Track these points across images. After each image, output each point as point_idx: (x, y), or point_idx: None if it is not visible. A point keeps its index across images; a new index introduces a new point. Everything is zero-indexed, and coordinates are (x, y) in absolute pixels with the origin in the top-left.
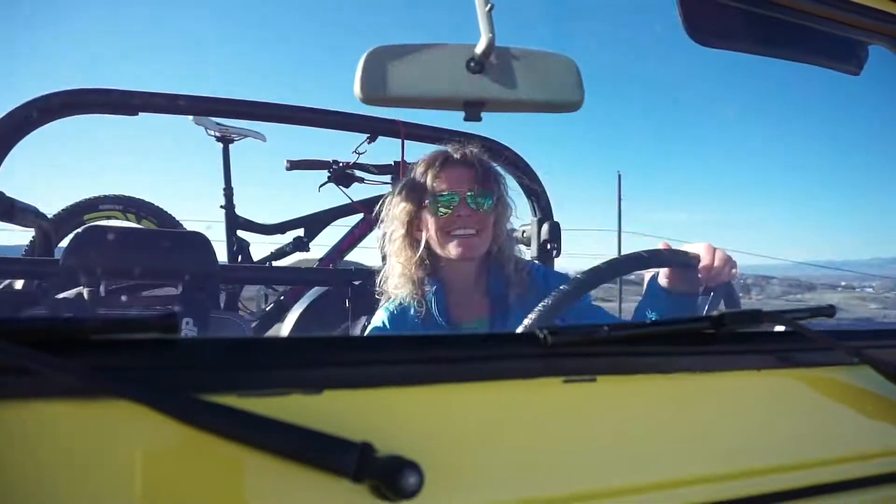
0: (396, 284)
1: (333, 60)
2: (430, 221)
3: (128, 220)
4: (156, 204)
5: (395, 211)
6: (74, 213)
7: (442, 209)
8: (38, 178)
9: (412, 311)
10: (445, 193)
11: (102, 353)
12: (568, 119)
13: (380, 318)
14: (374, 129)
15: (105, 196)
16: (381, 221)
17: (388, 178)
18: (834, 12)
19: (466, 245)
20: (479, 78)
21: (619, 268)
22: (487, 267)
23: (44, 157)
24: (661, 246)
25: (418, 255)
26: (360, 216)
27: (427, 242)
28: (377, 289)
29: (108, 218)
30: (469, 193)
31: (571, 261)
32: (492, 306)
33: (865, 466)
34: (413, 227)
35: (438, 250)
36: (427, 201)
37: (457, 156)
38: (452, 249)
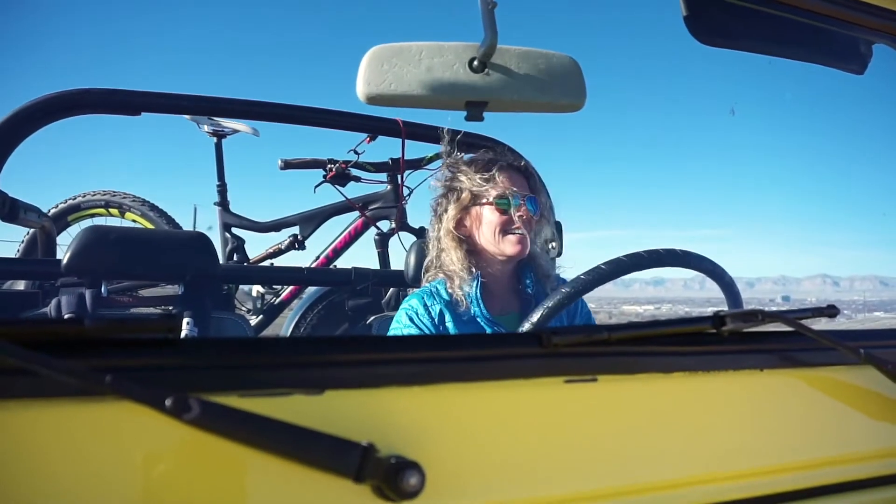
0: (429, 274)
1: (334, 60)
2: (486, 218)
3: (111, 215)
4: (138, 195)
5: (446, 203)
6: (58, 217)
7: (504, 208)
8: (31, 178)
9: (448, 298)
10: (508, 193)
11: (104, 353)
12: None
13: (415, 302)
14: (374, 128)
15: (85, 194)
16: (434, 208)
17: (384, 176)
18: (838, 11)
19: (523, 243)
20: (481, 77)
21: (621, 268)
22: (521, 268)
23: (37, 157)
24: None
25: (460, 250)
26: (355, 214)
27: (471, 238)
28: (424, 273)
29: (93, 216)
30: (528, 197)
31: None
32: (523, 304)
33: (868, 467)
34: (458, 223)
35: (490, 246)
36: (487, 199)
37: (515, 163)
38: (508, 247)
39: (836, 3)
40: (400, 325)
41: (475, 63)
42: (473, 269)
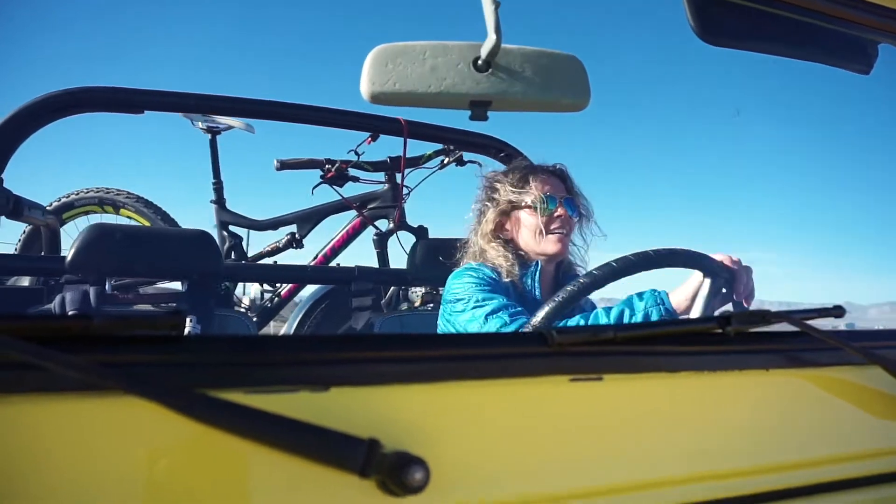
0: (479, 259)
1: (337, 58)
2: (528, 220)
3: (105, 212)
4: (131, 191)
5: (486, 207)
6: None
7: (546, 208)
8: (30, 174)
9: (509, 279)
10: (549, 195)
11: (109, 349)
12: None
13: (482, 271)
14: (376, 126)
15: (78, 192)
16: (478, 212)
17: (382, 175)
18: (843, 11)
19: (563, 242)
20: (485, 77)
21: (632, 265)
22: (564, 273)
23: (34, 156)
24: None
25: (505, 250)
26: (353, 213)
27: (514, 241)
28: (459, 254)
29: (87, 213)
30: (566, 198)
31: None
32: None
33: (873, 465)
34: (499, 227)
35: (533, 246)
36: (528, 202)
37: (552, 168)
38: (550, 245)
39: (840, 3)
40: (476, 277)
41: (479, 62)
42: (528, 262)
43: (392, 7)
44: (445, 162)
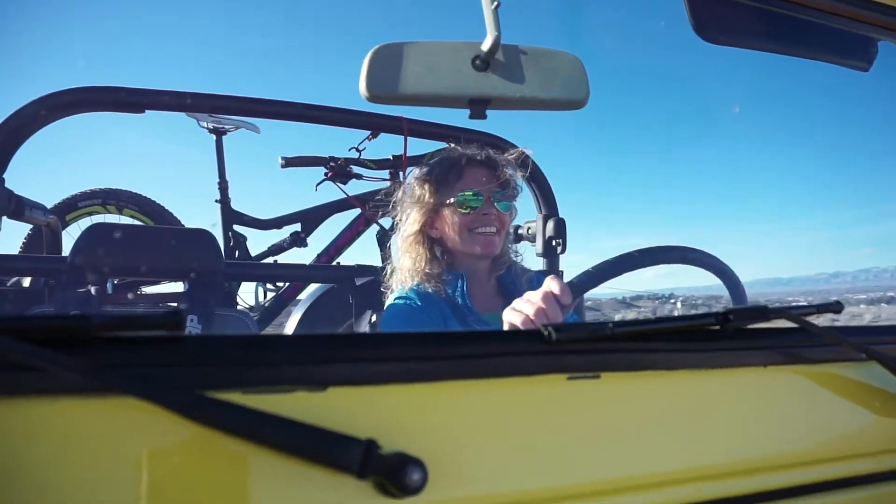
0: (405, 280)
1: (337, 58)
2: (451, 219)
3: (108, 212)
4: (134, 191)
5: (409, 208)
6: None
7: (468, 207)
8: (34, 175)
9: (433, 296)
10: (471, 192)
11: (109, 350)
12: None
13: (403, 298)
14: (378, 125)
15: (82, 193)
16: (393, 218)
17: (386, 173)
18: (843, 8)
19: (490, 242)
20: (484, 75)
21: (622, 265)
22: (498, 265)
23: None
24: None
25: (433, 252)
26: (357, 211)
27: (442, 240)
28: (383, 282)
29: (90, 214)
30: (495, 193)
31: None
32: (505, 301)
33: (872, 462)
34: (427, 225)
35: (459, 247)
36: (450, 199)
37: (480, 157)
38: (476, 246)
39: (840, 0)
40: (399, 311)
41: (478, 61)
42: (454, 268)
43: (392, 7)
44: None
